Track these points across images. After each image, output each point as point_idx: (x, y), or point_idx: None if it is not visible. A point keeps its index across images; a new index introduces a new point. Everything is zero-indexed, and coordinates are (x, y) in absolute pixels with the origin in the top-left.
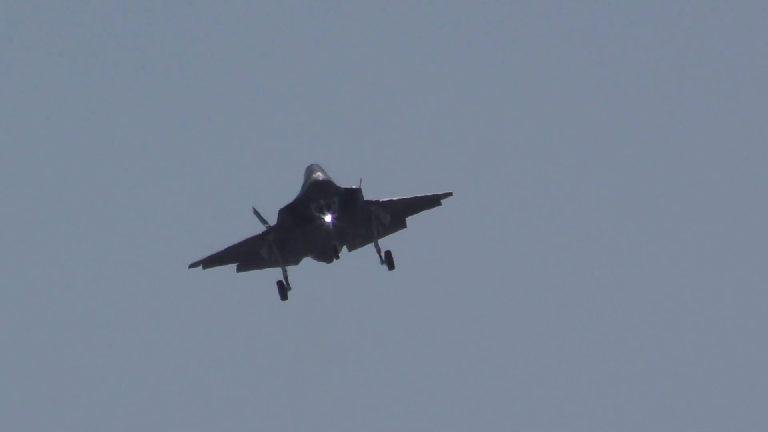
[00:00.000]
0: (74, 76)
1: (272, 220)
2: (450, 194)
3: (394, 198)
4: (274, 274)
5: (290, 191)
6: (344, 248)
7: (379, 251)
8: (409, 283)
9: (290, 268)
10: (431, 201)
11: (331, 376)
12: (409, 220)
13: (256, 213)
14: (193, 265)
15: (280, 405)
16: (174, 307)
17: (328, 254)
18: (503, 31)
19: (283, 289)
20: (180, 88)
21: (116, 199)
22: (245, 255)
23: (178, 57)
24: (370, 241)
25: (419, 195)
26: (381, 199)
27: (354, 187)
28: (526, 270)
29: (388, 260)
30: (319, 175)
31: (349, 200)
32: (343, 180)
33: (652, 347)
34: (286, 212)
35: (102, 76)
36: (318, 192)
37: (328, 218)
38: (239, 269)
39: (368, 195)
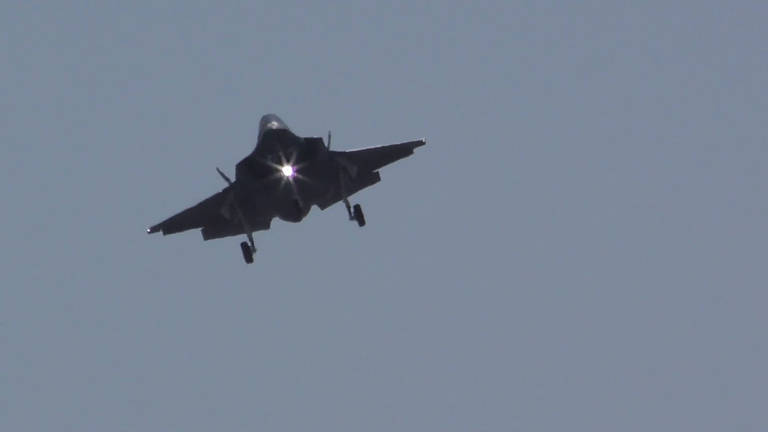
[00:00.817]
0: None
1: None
2: (422, 142)
3: (362, 148)
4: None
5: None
6: (316, 207)
7: (348, 206)
8: (381, 240)
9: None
10: (402, 150)
11: (298, 343)
12: (383, 173)
13: (220, 173)
14: (153, 230)
15: (248, 378)
16: (133, 276)
17: (291, 211)
18: None
19: (248, 250)
20: (132, 46)
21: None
22: (207, 217)
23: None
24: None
25: (388, 144)
26: (347, 150)
27: (315, 137)
28: (503, 221)
29: (358, 215)
30: (273, 124)
31: (310, 151)
32: (310, 133)
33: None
34: (243, 166)
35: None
36: (273, 142)
37: (287, 171)
38: (205, 236)
39: (339, 147)
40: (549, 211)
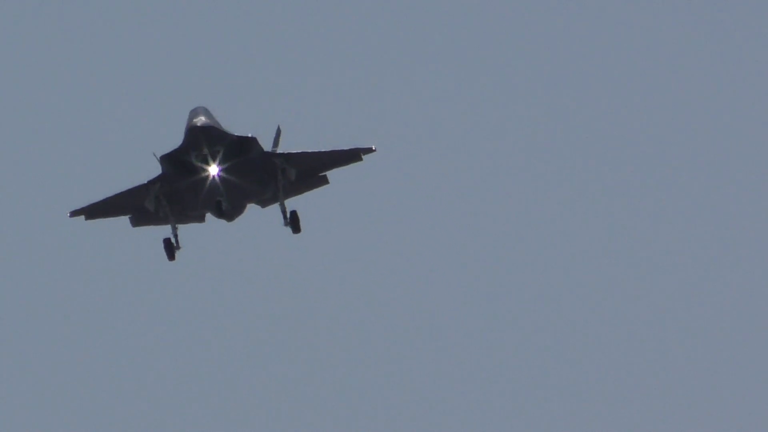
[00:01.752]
0: None
1: None
2: (372, 150)
3: (303, 150)
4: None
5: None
6: (257, 206)
7: (284, 211)
8: (315, 248)
9: (188, 226)
10: (351, 156)
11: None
12: (331, 176)
13: (158, 160)
14: (73, 214)
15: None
16: (50, 260)
17: (216, 211)
18: None
19: (171, 247)
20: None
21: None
22: (131, 206)
23: None
24: (287, 197)
25: (336, 149)
26: (289, 151)
27: (248, 135)
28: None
29: (293, 222)
30: (199, 119)
31: (242, 150)
32: (263, 130)
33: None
34: (167, 160)
35: None
36: (197, 139)
37: (213, 169)
38: (133, 223)
39: (288, 146)
40: (509, 225)
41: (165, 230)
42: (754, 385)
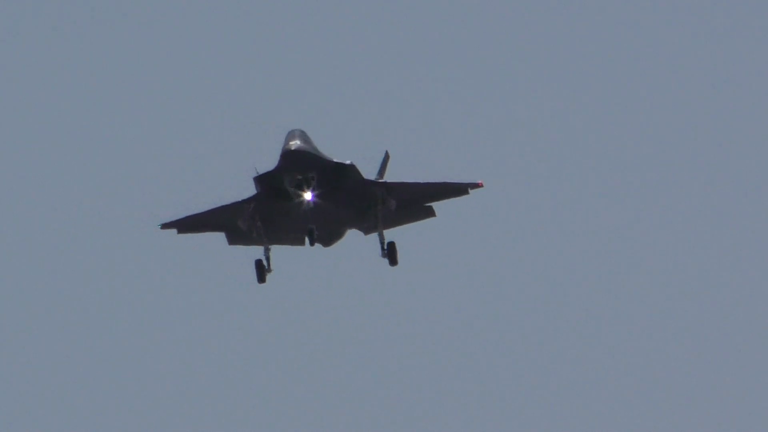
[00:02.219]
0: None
1: None
2: (479, 185)
3: (405, 181)
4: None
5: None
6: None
7: (382, 241)
8: (408, 284)
9: (284, 248)
10: (456, 190)
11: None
12: (438, 208)
13: (258, 175)
14: (165, 226)
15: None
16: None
17: (308, 238)
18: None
19: (262, 269)
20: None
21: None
22: (223, 225)
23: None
24: (389, 227)
25: (441, 181)
26: (391, 181)
27: (347, 162)
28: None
29: (390, 254)
30: (293, 144)
31: (340, 177)
32: (364, 155)
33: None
34: (261, 181)
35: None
36: (291, 163)
37: (307, 196)
38: (230, 241)
39: (393, 175)
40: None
41: (261, 251)
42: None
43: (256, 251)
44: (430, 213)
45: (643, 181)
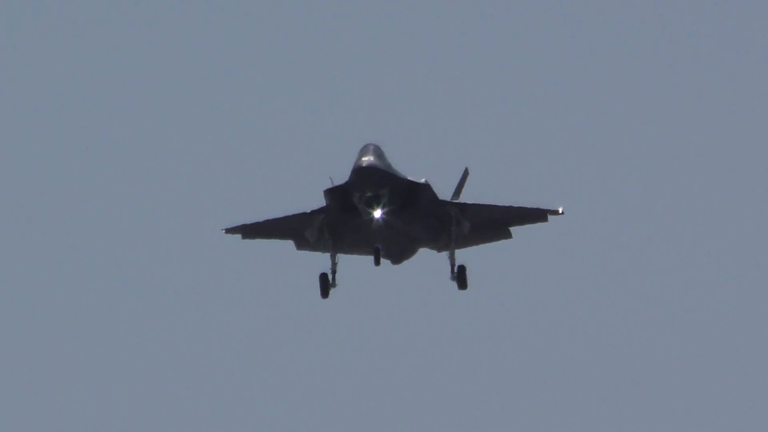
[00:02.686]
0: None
1: None
2: (559, 212)
3: (481, 203)
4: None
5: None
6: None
7: (452, 263)
8: (476, 309)
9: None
10: (534, 215)
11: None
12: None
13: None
14: (230, 231)
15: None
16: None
17: (374, 257)
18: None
19: (326, 284)
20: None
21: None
22: (289, 233)
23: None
24: (463, 246)
25: (519, 206)
26: (466, 202)
27: (421, 180)
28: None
29: (460, 277)
30: (366, 159)
31: (413, 197)
32: (441, 172)
33: None
34: (330, 195)
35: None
36: (362, 179)
37: (377, 214)
38: (298, 246)
39: (471, 194)
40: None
41: (327, 263)
42: None
43: (323, 261)
44: (506, 234)
45: (731, 212)
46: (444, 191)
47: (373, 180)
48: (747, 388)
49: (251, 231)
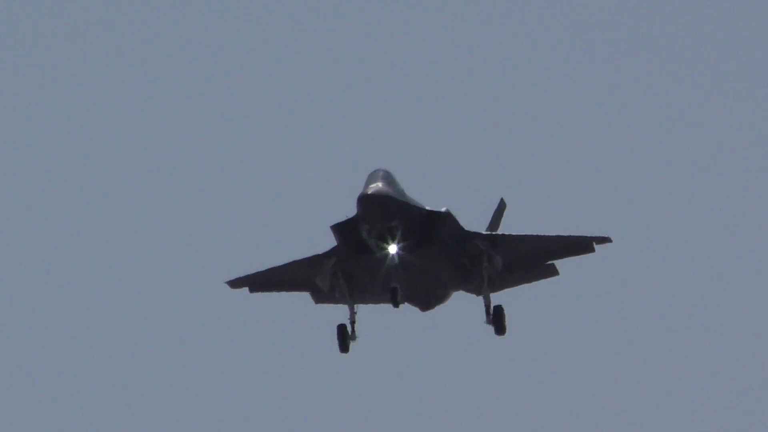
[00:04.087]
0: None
1: None
2: (608, 240)
3: (517, 233)
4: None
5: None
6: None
7: (487, 305)
8: (518, 359)
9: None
10: (579, 245)
11: None
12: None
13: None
14: (234, 284)
15: None
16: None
17: (391, 300)
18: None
19: (344, 336)
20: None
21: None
22: (300, 282)
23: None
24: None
25: (559, 234)
26: (497, 233)
27: (442, 209)
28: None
29: (497, 320)
30: (372, 187)
31: (432, 228)
32: (473, 203)
33: None
34: (338, 231)
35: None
36: (369, 210)
37: (391, 249)
38: (316, 300)
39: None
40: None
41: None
42: None
43: (344, 312)
44: (551, 272)
45: None
46: (476, 225)
47: (382, 209)
48: None
49: (258, 283)
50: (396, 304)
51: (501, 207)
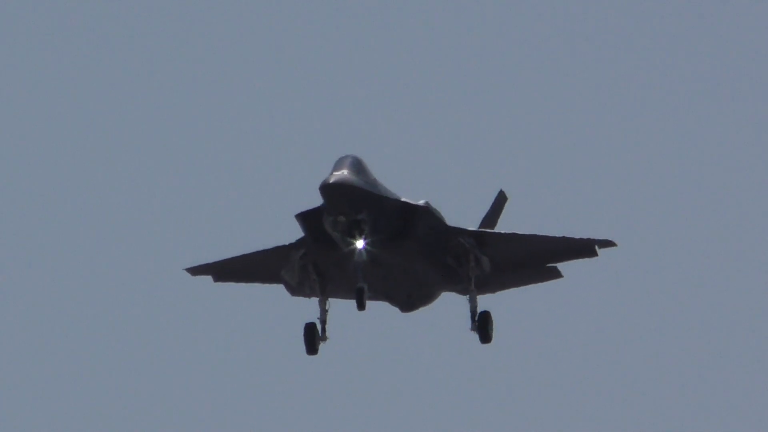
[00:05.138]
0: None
1: None
2: (612, 244)
3: (505, 231)
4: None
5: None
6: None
7: (473, 310)
8: (503, 371)
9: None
10: (578, 248)
11: None
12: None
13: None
14: (194, 272)
15: None
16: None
17: (357, 302)
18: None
19: (313, 337)
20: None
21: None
22: (271, 276)
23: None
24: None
25: (556, 236)
26: (485, 230)
27: (418, 203)
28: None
29: (482, 327)
30: (336, 175)
31: (408, 223)
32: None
33: None
34: (303, 220)
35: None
36: (331, 201)
37: (359, 244)
38: (292, 292)
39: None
40: None
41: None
42: None
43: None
44: (554, 274)
45: None
46: (470, 220)
47: (346, 200)
48: None
49: (222, 271)
50: (362, 306)
51: (500, 199)
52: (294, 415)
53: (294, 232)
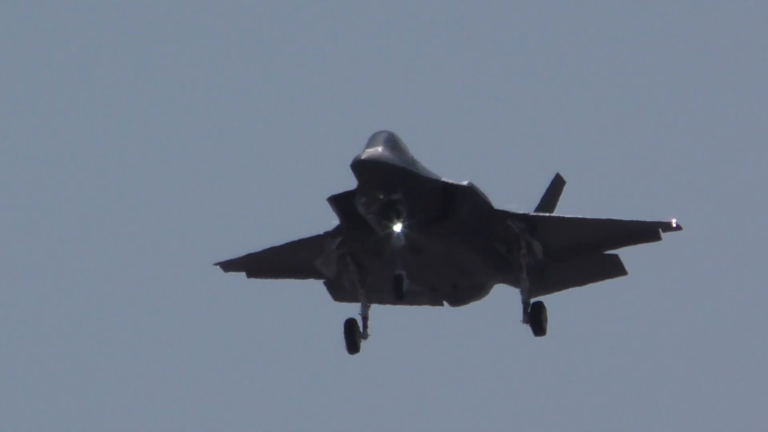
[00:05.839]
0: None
1: None
2: (676, 227)
3: (563, 215)
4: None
5: None
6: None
7: (525, 302)
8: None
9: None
10: (640, 232)
11: None
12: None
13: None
14: (226, 267)
15: None
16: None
17: (395, 291)
18: None
19: (353, 334)
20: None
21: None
22: (302, 268)
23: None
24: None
25: (615, 219)
26: (538, 214)
27: (462, 183)
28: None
29: (535, 319)
30: (368, 152)
31: (448, 205)
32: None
33: None
34: (336, 205)
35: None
36: (364, 180)
37: (396, 227)
38: (335, 296)
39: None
40: None
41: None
42: None
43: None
44: (617, 269)
45: None
46: (525, 204)
47: (379, 178)
48: None
49: (255, 266)
50: (399, 295)
51: (557, 183)
52: (336, 416)
53: (327, 223)
